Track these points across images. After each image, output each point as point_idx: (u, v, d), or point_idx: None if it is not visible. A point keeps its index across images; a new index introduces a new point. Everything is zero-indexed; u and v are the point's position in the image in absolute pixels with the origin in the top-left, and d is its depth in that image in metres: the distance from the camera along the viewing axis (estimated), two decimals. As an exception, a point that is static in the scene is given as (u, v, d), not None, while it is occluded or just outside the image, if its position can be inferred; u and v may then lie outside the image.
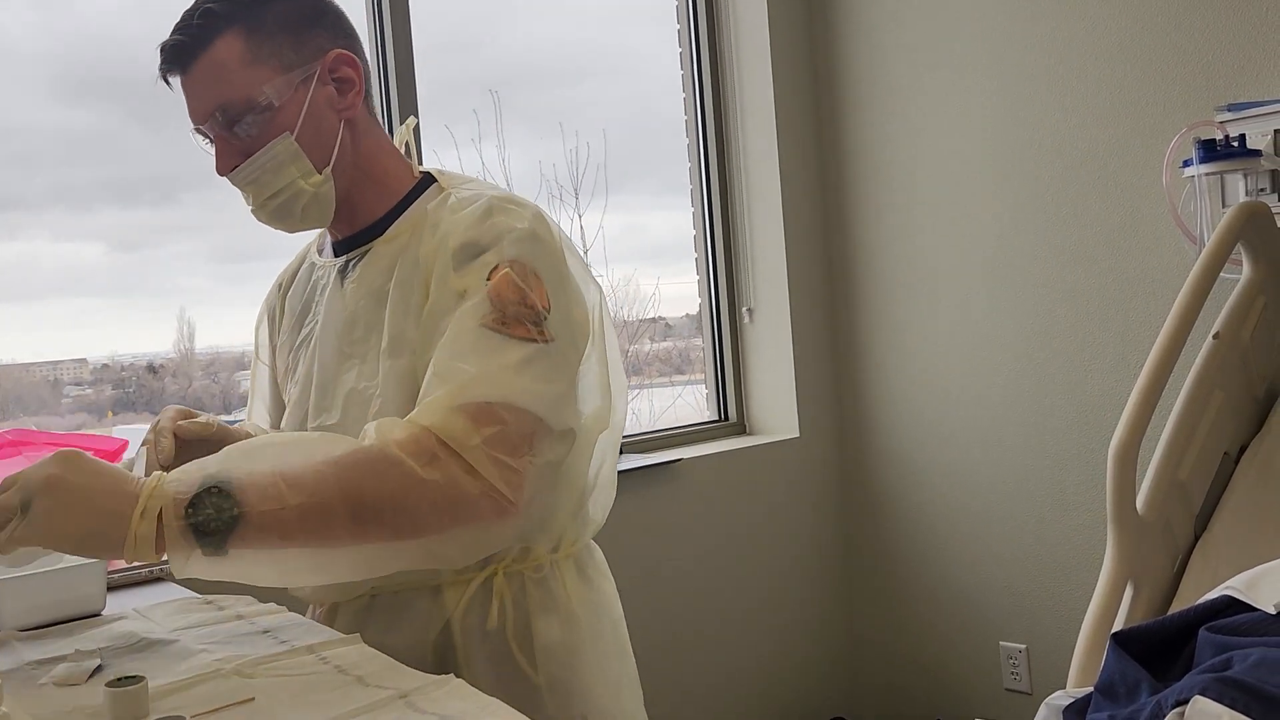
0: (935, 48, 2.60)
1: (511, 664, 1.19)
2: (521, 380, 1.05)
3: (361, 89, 1.20)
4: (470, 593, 1.19)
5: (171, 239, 2.28)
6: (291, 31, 1.16)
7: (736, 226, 2.88)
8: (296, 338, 1.29)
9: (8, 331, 2.08)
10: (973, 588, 2.65)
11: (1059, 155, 2.41)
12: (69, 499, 0.94)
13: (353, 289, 1.21)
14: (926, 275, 2.67)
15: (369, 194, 1.22)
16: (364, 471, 0.99)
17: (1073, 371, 2.43)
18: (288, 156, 1.15)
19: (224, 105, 1.13)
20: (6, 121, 2.04)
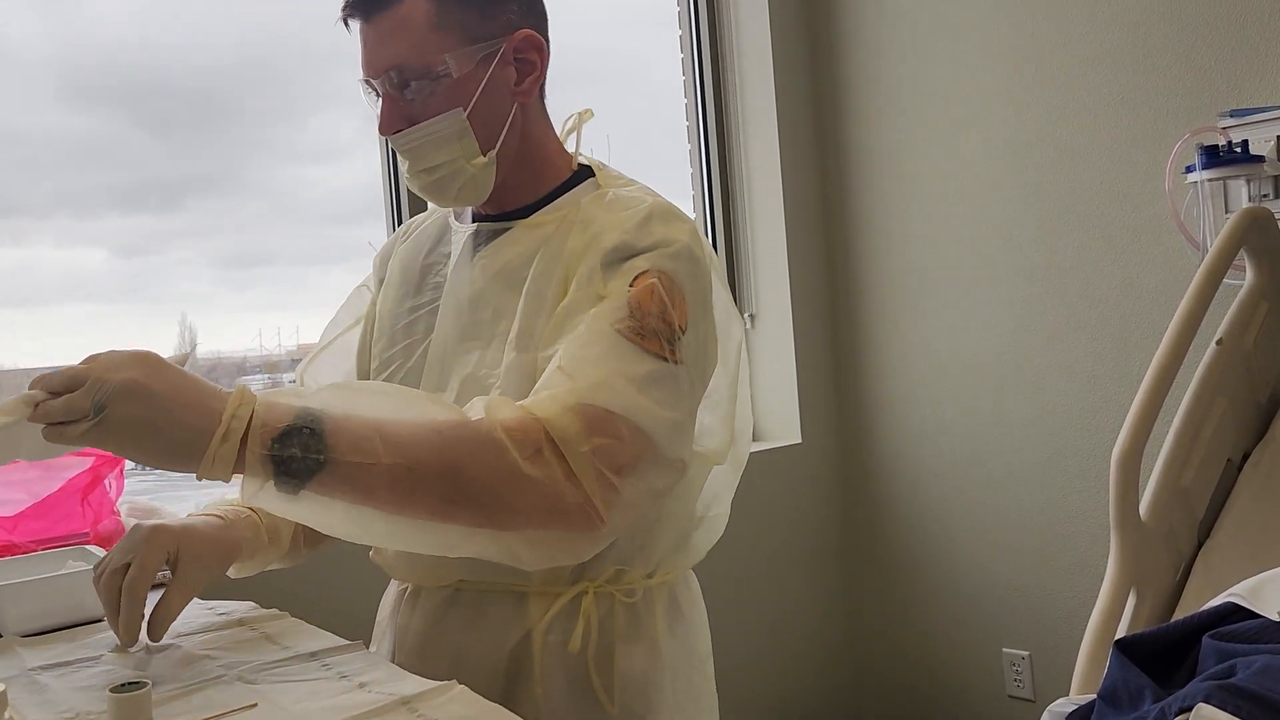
0: (936, 53, 2.60)
1: (588, 689, 1.14)
2: (644, 398, 0.99)
3: (542, 74, 1.16)
4: (557, 607, 1.14)
5: (175, 245, 2.28)
6: (482, 3, 1.11)
7: (738, 232, 2.88)
8: (418, 299, 1.23)
9: (10, 337, 2.08)
10: (975, 594, 2.65)
11: (1061, 160, 2.41)
12: (149, 407, 0.88)
13: (482, 266, 1.16)
14: (928, 281, 2.67)
15: (524, 180, 1.18)
16: (466, 448, 0.94)
17: (1075, 377, 2.43)
18: (455, 133, 1.11)
19: (401, 65, 1.09)
20: (12, 127, 2.05)
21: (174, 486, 2.21)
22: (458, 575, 1.17)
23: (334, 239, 2.44)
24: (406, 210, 2.29)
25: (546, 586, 1.15)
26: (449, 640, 1.17)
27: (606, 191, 1.16)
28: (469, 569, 1.14)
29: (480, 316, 1.14)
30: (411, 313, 1.23)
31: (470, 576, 1.16)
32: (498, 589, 1.16)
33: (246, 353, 2.45)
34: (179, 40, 2.18)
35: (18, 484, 1.68)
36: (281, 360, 2.47)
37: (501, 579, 1.14)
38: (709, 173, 2.88)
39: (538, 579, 1.14)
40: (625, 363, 0.99)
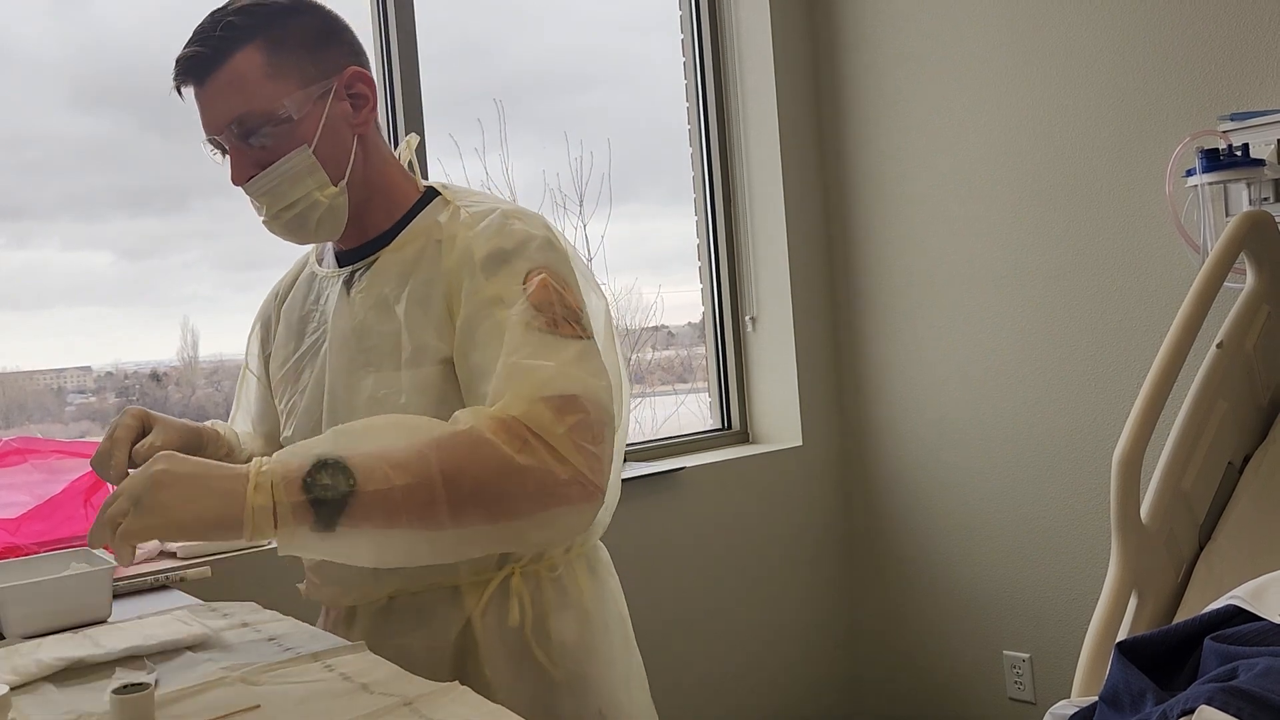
0: (938, 58, 2.61)
1: (531, 661, 1.23)
2: (584, 374, 1.08)
3: (374, 105, 1.23)
4: (489, 593, 1.22)
5: (180, 247, 2.28)
6: (310, 47, 1.18)
7: (740, 235, 2.89)
8: (299, 346, 1.31)
9: (14, 339, 2.08)
10: (976, 597, 2.65)
11: (1061, 165, 2.42)
12: (180, 486, 0.97)
13: (360, 298, 1.23)
14: (929, 284, 2.68)
15: (377, 207, 1.24)
16: (464, 454, 1.01)
17: (1076, 381, 2.43)
18: (305, 169, 1.17)
19: (242, 116, 1.15)
20: (21, 130, 2.05)
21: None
22: (392, 587, 1.23)
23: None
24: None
25: (477, 575, 1.23)
26: (392, 645, 1.20)
27: (458, 208, 1.23)
28: (403, 579, 1.22)
29: (367, 344, 1.21)
30: (297, 361, 1.31)
31: (401, 586, 1.23)
32: (432, 589, 1.23)
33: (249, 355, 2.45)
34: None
35: (21, 486, 1.68)
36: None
37: (434, 579, 1.22)
38: (710, 177, 2.88)
39: (467, 570, 1.22)
40: (556, 352, 1.09)
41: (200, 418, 2.37)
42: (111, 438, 1.19)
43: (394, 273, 1.22)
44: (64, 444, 1.79)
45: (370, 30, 2.29)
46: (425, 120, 2.32)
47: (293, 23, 1.17)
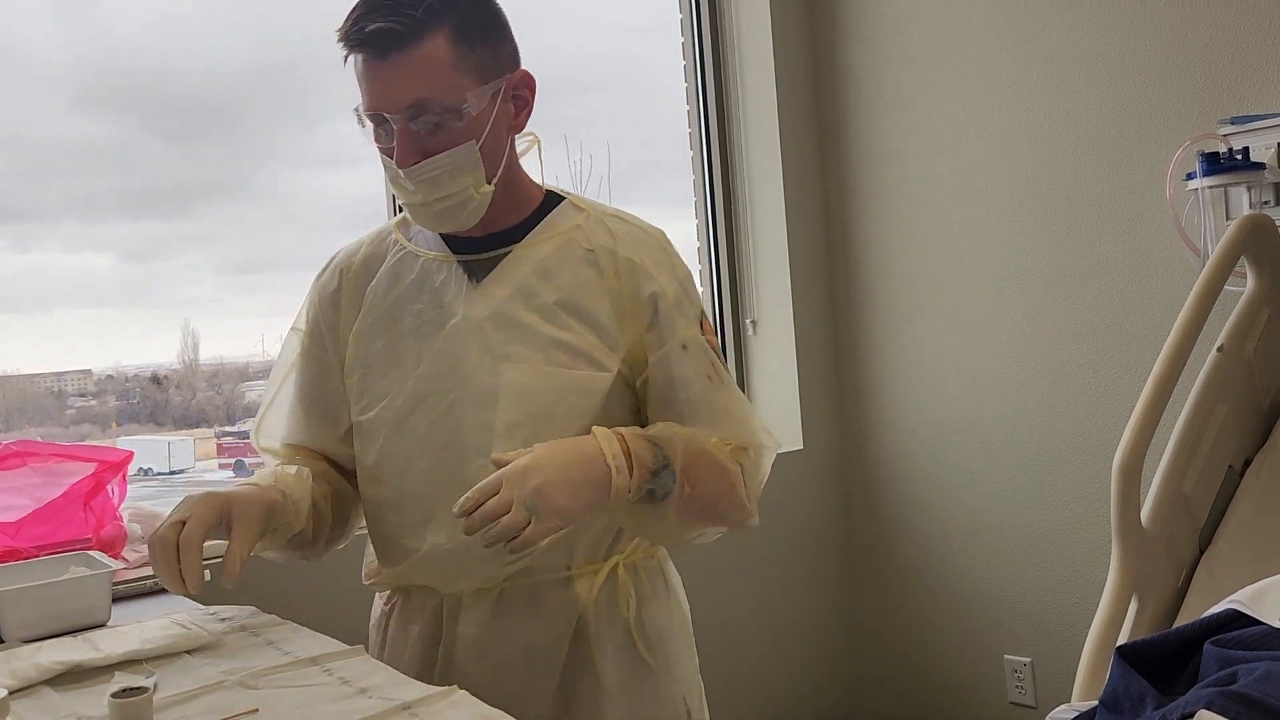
0: (938, 62, 2.61)
1: (632, 650, 1.28)
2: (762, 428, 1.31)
3: (531, 110, 1.25)
4: (599, 583, 1.27)
5: (182, 250, 2.29)
6: (491, 42, 1.20)
7: (741, 239, 2.89)
8: (396, 326, 1.27)
9: (15, 341, 2.09)
10: (977, 601, 2.65)
11: (1062, 168, 2.41)
12: (563, 491, 1.09)
13: (495, 288, 1.24)
14: (930, 287, 2.68)
15: (508, 203, 1.26)
16: (721, 479, 1.23)
17: (1077, 384, 2.43)
18: (469, 164, 1.18)
19: (424, 102, 1.15)
20: (24, 132, 2.06)
21: (175, 492, 2.21)
22: (512, 571, 1.24)
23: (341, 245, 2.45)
24: (409, 217, 2.29)
25: (588, 564, 1.27)
26: (511, 637, 1.24)
27: (596, 217, 1.29)
28: (525, 564, 1.23)
29: (509, 334, 1.22)
30: (393, 341, 1.27)
31: (523, 571, 1.24)
32: (544, 580, 1.25)
33: (249, 358, 2.45)
34: (192, 47, 2.19)
35: (21, 490, 1.68)
36: (283, 366, 2.47)
37: (552, 565, 1.25)
38: (711, 179, 2.88)
39: (581, 557, 1.26)
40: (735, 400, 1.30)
41: (200, 420, 2.37)
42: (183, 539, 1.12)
43: (531, 267, 1.25)
44: (64, 447, 1.79)
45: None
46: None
47: (479, 15, 1.19)
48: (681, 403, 1.24)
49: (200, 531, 1.12)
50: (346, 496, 1.36)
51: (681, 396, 1.24)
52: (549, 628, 1.24)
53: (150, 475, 2.29)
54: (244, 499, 1.18)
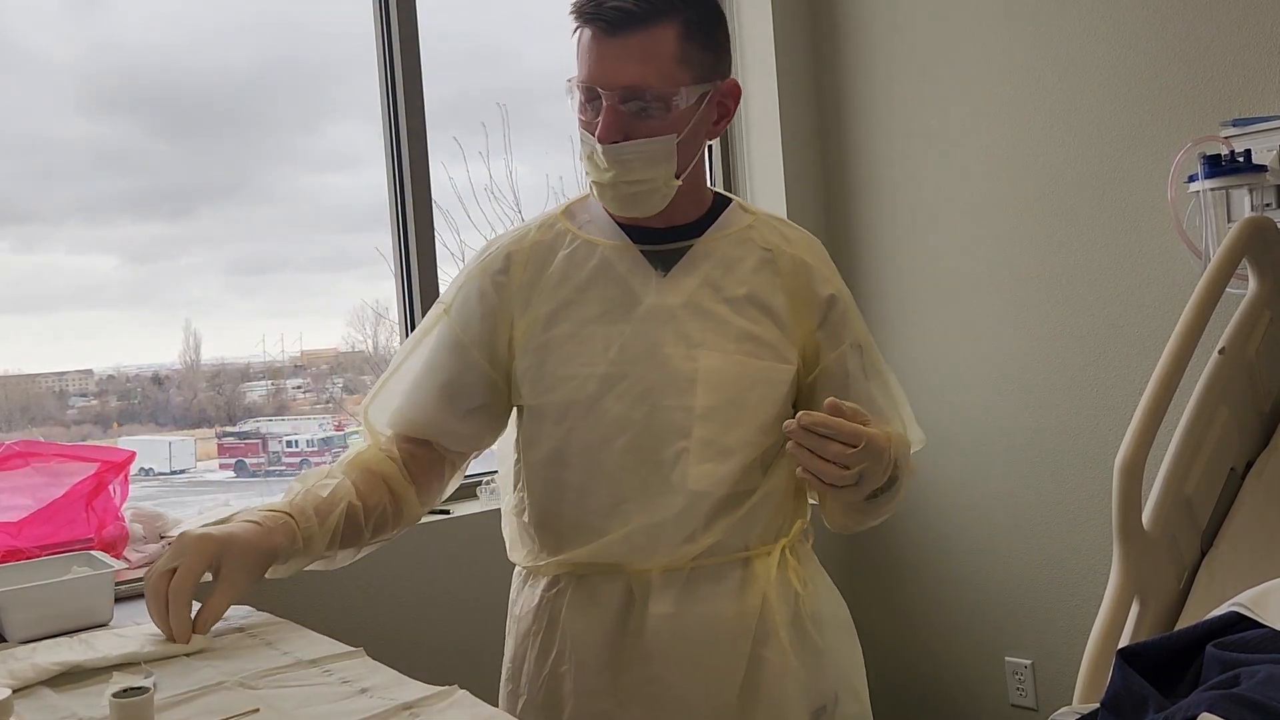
0: (938, 62, 2.61)
1: (804, 630, 1.32)
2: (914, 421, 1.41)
3: (731, 119, 1.32)
4: (774, 563, 1.31)
5: (186, 251, 2.29)
6: (714, 45, 1.25)
7: (742, 240, 2.88)
8: (582, 314, 1.29)
9: (18, 342, 2.09)
10: (978, 602, 2.64)
11: (1064, 168, 2.41)
12: (879, 468, 1.21)
13: (683, 278, 1.29)
14: (930, 287, 2.67)
15: (689, 200, 1.31)
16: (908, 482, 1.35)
17: (1078, 386, 2.43)
18: (665, 156, 1.21)
19: (641, 87, 1.19)
20: (30, 134, 2.06)
21: (176, 492, 2.22)
22: (701, 548, 1.28)
23: (345, 246, 2.45)
24: (412, 221, 2.29)
25: (763, 546, 1.32)
26: (701, 614, 1.27)
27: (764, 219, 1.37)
28: (713, 543, 1.28)
29: (700, 323, 1.28)
30: (580, 327, 1.29)
31: (711, 550, 1.28)
32: (730, 558, 1.29)
33: (250, 359, 2.45)
34: (198, 49, 2.20)
35: (23, 489, 1.68)
36: (284, 366, 2.48)
37: (736, 545, 1.29)
38: (711, 179, 2.88)
39: (757, 539, 1.31)
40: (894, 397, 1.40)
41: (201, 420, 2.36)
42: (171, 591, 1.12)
43: (713, 261, 1.30)
44: (66, 447, 1.79)
45: (373, 34, 2.30)
46: (429, 124, 2.31)
47: (710, 17, 1.24)
48: (852, 400, 1.26)
49: (189, 583, 1.12)
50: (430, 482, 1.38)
51: (853, 394, 1.30)
52: (736, 604, 1.28)
53: (151, 475, 2.29)
54: (241, 546, 1.16)
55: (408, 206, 2.30)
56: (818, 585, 1.37)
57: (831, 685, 1.35)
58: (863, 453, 1.14)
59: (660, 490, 1.25)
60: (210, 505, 2.06)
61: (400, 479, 1.32)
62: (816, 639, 1.33)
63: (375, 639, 1.37)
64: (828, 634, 1.35)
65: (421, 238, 2.30)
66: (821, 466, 1.13)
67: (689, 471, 1.24)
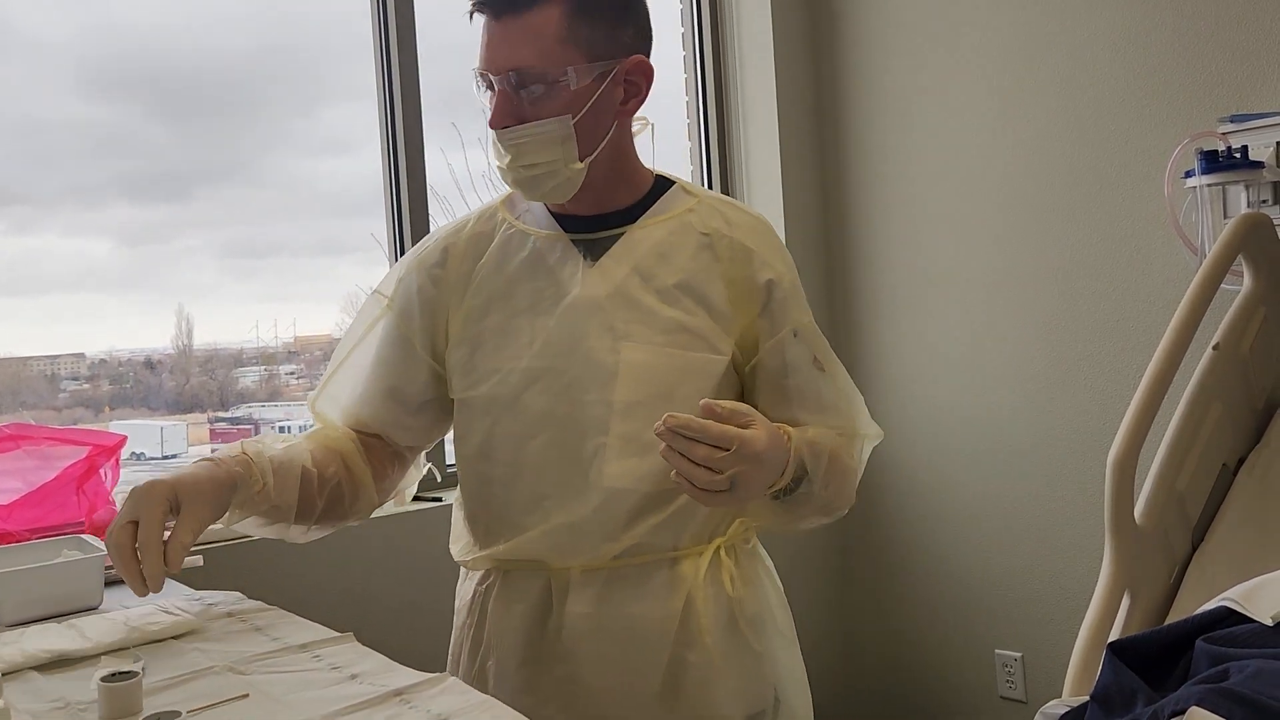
0: (936, 55, 2.60)
1: (737, 633, 1.28)
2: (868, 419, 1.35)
3: (645, 97, 1.25)
4: (705, 564, 1.27)
5: (181, 235, 2.28)
6: (607, 23, 1.20)
7: (738, 231, 2.88)
8: (510, 307, 1.27)
9: (10, 325, 2.08)
10: (969, 595, 2.65)
11: (1060, 164, 2.41)
12: (759, 488, 1.13)
13: (613, 266, 1.25)
14: (926, 284, 2.67)
15: (619, 186, 1.28)
16: (843, 478, 1.27)
17: (1073, 381, 2.43)
18: (559, 137, 1.18)
19: (524, 69, 1.16)
20: (26, 117, 2.05)
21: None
22: (624, 547, 1.24)
23: (340, 232, 2.44)
24: (407, 207, 2.28)
25: (694, 546, 1.27)
26: (620, 615, 1.24)
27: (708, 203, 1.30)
28: (636, 541, 1.24)
29: (627, 315, 1.23)
30: (509, 318, 1.26)
31: (635, 549, 1.24)
32: (656, 558, 1.25)
33: (244, 344, 2.45)
34: (196, 31, 2.18)
35: (14, 473, 1.68)
36: (278, 352, 2.47)
37: (663, 545, 1.25)
38: (709, 171, 2.87)
39: (689, 539, 1.27)
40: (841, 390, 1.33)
41: (193, 405, 2.35)
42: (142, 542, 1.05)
43: (648, 249, 1.26)
44: (57, 431, 1.78)
45: (370, 19, 2.28)
46: (425, 110, 2.30)
47: None
48: (791, 389, 1.26)
49: (157, 533, 1.05)
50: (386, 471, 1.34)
51: (792, 383, 1.26)
52: (659, 606, 1.25)
53: (143, 460, 2.28)
54: (192, 480, 1.10)
55: (403, 192, 2.29)
56: (757, 587, 1.33)
57: (771, 689, 1.32)
58: (734, 456, 1.06)
59: (580, 487, 1.22)
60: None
61: (358, 459, 1.29)
62: (752, 642, 1.29)
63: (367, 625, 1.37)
64: (763, 636, 1.31)
65: (416, 223, 2.30)
66: (690, 470, 1.06)
67: (605, 468, 1.21)
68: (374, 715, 0.91)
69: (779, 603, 1.37)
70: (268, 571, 1.87)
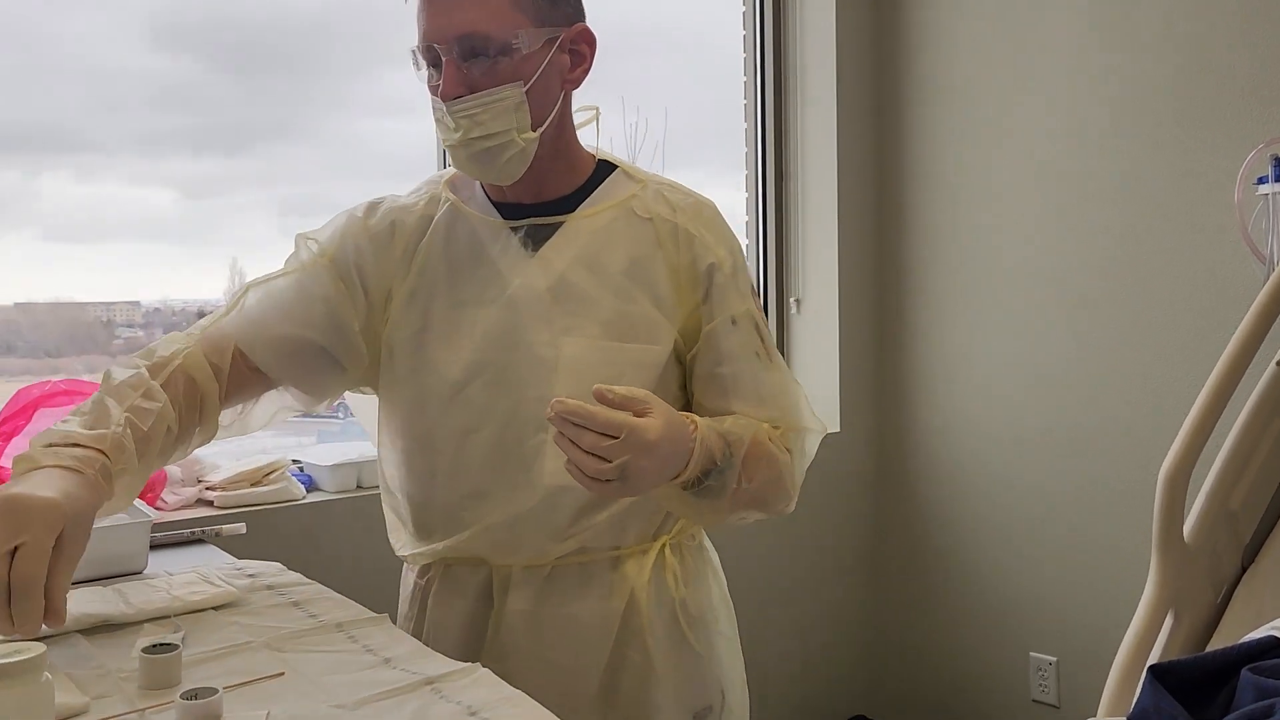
0: (1003, 45, 2.54)
1: (679, 633, 1.27)
2: (809, 410, 1.28)
3: (589, 68, 1.22)
4: (649, 563, 1.26)
5: (239, 189, 2.30)
6: None
7: (789, 216, 2.84)
8: (457, 295, 1.24)
9: (71, 270, 2.12)
10: (1005, 596, 2.62)
11: (1126, 165, 2.34)
12: (653, 479, 1.09)
13: (554, 257, 1.22)
14: (981, 279, 2.62)
15: (559, 168, 1.24)
16: (771, 470, 1.20)
17: (1127, 388, 2.38)
18: (512, 105, 1.15)
19: (474, 35, 1.13)
20: (97, 67, 2.08)
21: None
22: (567, 550, 1.22)
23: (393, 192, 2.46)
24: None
25: (639, 544, 1.26)
26: (560, 614, 1.23)
27: (651, 186, 1.26)
28: (580, 543, 1.22)
29: (567, 307, 1.21)
30: (454, 310, 1.23)
31: (578, 550, 1.23)
32: (599, 557, 1.24)
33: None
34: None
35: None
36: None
37: (605, 544, 1.24)
38: (763, 152, 2.84)
39: (633, 537, 1.25)
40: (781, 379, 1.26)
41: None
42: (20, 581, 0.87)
43: (590, 237, 1.23)
44: (108, 387, 1.80)
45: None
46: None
47: None
48: (726, 378, 1.23)
49: (41, 568, 0.88)
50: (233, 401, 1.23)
51: (727, 372, 1.23)
52: (601, 606, 1.24)
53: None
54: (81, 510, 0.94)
55: (451, 160, 2.29)
56: (701, 587, 1.31)
57: (716, 687, 1.31)
58: (622, 444, 1.02)
59: (521, 484, 1.20)
60: (244, 452, 2.08)
61: (215, 403, 1.19)
62: (694, 642, 1.28)
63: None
64: (707, 636, 1.30)
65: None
66: (580, 457, 1.03)
67: (546, 465, 1.18)
68: (405, 703, 0.92)
69: (722, 601, 1.35)
70: (304, 540, 1.90)
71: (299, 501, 1.95)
